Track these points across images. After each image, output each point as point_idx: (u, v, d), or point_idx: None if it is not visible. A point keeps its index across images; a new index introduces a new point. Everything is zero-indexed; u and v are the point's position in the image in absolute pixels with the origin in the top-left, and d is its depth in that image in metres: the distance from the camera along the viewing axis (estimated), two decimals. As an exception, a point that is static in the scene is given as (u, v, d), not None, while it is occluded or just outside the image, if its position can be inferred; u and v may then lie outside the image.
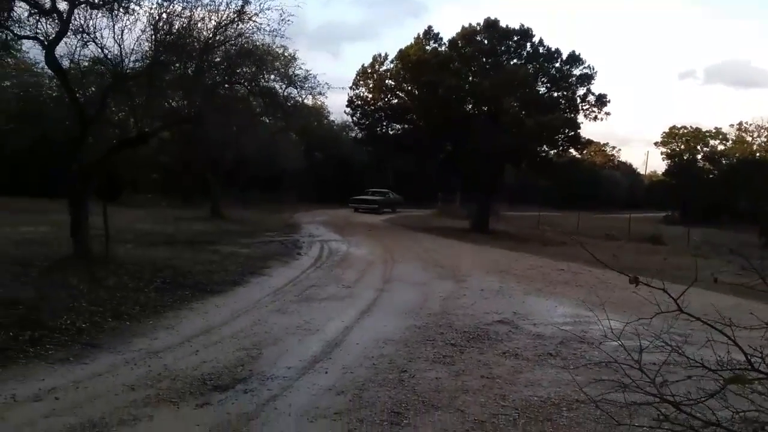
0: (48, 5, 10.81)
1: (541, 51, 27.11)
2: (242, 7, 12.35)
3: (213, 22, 12.30)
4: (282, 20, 13.41)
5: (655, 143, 64.52)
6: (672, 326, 4.11)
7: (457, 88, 25.54)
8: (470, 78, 27.34)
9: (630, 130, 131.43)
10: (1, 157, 27.69)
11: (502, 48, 27.52)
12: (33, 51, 25.42)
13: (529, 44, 27.30)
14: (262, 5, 12.86)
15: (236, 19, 12.37)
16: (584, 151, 43.45)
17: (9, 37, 12.00)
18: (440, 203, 46.06)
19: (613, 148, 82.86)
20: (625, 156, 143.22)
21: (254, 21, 12.74)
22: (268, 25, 13.21)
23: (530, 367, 6.49)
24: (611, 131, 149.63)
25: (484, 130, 25.75)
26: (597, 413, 4.93)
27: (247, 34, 13.39)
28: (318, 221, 29.26)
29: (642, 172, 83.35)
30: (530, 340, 7.82)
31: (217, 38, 12.40)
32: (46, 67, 13.78)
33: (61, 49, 11.39)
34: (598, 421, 4.87)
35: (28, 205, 22.42)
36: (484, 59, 26.86)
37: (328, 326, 8.08)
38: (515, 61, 27.60)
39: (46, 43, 11.04)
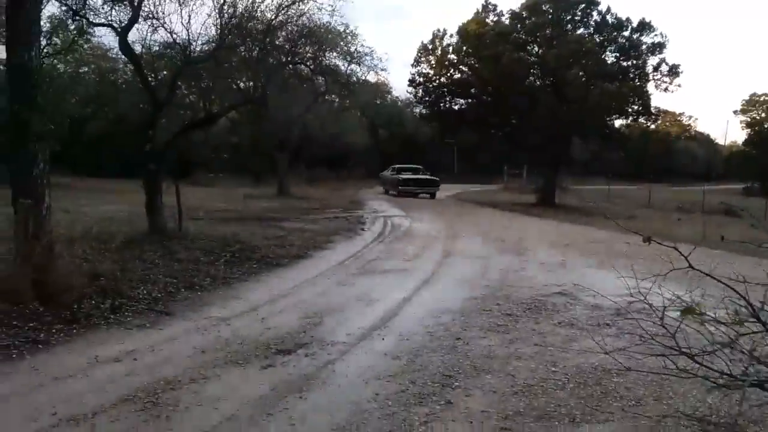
0: (121, -8, 11.40)
1: (608, 19, 26.29)
2: (302, -14, 12.66)
3: (275, 3, 12.67)
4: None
5: (734, 111, 61.76)
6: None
7: (519, 60, 25.15)
8: (535, 50, 26.88)
9: (709, 98, 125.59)
10: (81, 140, 29.19)
11: (568, 18, 26.86)
12: (107, 38, 26.53)
13: (595, 12, 26.54)
14: (321, -16, 13.15)
15: (297, 0, 12.69)
16: (657, 122, 41.90)
17: (84, 25, 12.69)
18: (506, 178, 45.72)
19: (690, 117, 79.50)
20: (705, 126, 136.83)
21: (314, 0, 13.03)
22: (330, 4, 13.52)
23: (584, 336, 6.55)
24: (689, 100, 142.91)
25: (549, 102, 25.35)
26: (648, 378, 5.01)
27: (308, 14, 13.73)
28: (382, 198, 29.59)
29: (721, 142, 79.81)
30: (587, 310, 7.84)
31: (279, 19, 12.76)
32: (120, 52, 14.47)
33: (132, 35, 12.01)
34: (647, 386, 4.94)
35: (107, 186, 23.72)
36: (548, 30, 26.29)
37: (387, 297, 8.32)
38: (582, 30, 26.90)
39: (119, 29, 11.66)
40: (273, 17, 12.49)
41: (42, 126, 6.51)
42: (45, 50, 17.81)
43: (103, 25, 11.90)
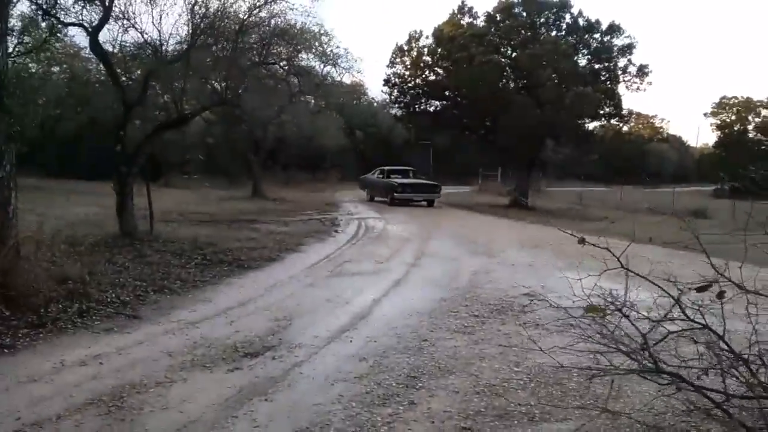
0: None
1: (580, 22, 26.68)
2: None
3: (247, 4, 12.69)
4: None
5: (705, 114, 63.03)
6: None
7: (492, 62, 25.39)
8: (508, 52, 27.16)
9: (682, 101, 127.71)
10: (53, 140, 28.78)
11: (541, 20, 27.19)
12: (78, 37, 26.22)
13: (568, 15, 26.92)
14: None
15: (269, 0, 12.72)
16: (630, 124, 42.56)
17: (54, 24, 12.57)
18: (481, 180, 46.01)
19: (662, 120, 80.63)
20: (678, 129, 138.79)
21: (286, 1, 13.07)
22: (301, 5, 13.60)
23: (549, 337, 6.68)
24: (662, 103, 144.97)
25: (521, 104, 25.62)
26: (607, 378, 5.14)
27: (281, 15, 13.77)
28: (358, 200, 29.62)
29: (693, 144, 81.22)
30: (554, 311, 7.97)
31: (251, 20, 12.76)
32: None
33: (104, 36, 11.96)
34: (605, 385, 5.07)
35: (78, 187, 23.43)
36: (522, 32, 26.60)
37: (357, 299, 8.40)
38: (555, 33, 27.25)
39: (90, 29, 11.58)
40: (246, 17, 12.52)
41: (9, 128, 6.48)
42: (16, 49, 17.62)
43: (73, 24, 11.81)
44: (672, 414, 4.47)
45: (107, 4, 11.24)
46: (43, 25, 14.91)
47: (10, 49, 18.00)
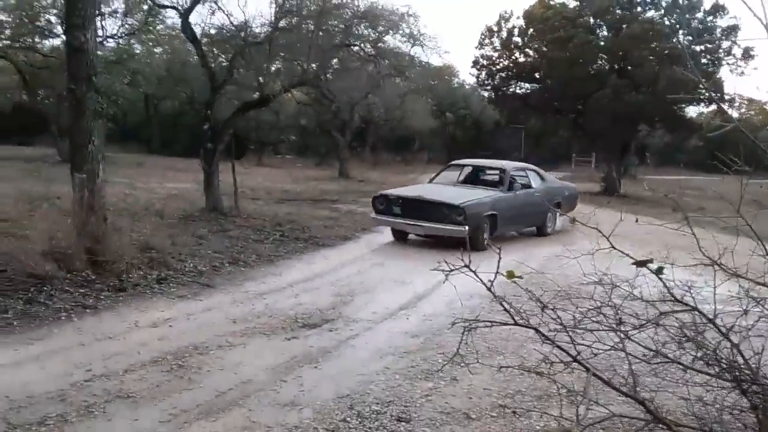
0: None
1: (680, 1, 25.20)
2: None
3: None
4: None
5: (826, 99, 58.19)
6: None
7: (587, 43, 24.48)
8: (602, 32, 26.13)
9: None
10: (155, 118, 30.42)
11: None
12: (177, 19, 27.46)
13: (666, -7, 25.46)
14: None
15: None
16: (739, 110, 39.90)
17: (151, 6, 13.39)
18: (573, 165, 44.70)
19: (779, 105, 74.93)
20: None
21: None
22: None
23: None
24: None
25: (615, 87, 24.66)
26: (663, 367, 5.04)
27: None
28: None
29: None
30: (619, 300, 7.79)
31: (334, 2, 13.00)
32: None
33: (195, 18, 12.59)
34: (656, 372, 4.96)
35: (176, 164, 24.72)
36: (619, 11, 25.48)
37: (421, 279, 8.46)
38: (653, 12, 25.95)
39: (182, 11, 12.21)
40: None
41: (96, 105, 7.02)
42: (120, 30, 18.76)
43: (167, 6, 12.50)
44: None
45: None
46: (145, 8, 15.93)
47: (116, 30, 19.36)
